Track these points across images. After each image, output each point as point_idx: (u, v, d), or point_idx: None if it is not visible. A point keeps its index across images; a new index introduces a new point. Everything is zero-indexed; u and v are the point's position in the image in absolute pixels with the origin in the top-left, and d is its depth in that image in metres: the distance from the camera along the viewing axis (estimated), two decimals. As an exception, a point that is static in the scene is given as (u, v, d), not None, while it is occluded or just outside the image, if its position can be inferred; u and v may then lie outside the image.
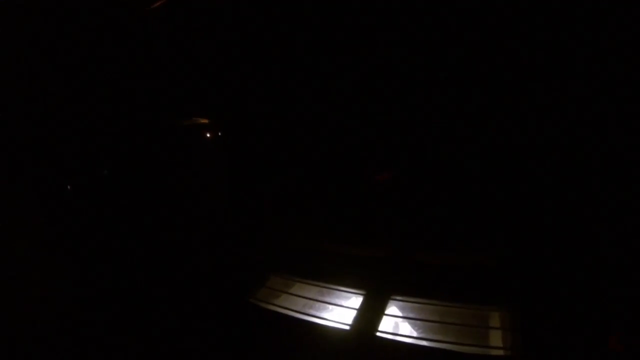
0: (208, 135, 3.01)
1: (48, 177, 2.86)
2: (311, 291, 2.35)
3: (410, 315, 2.04)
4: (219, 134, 2.99)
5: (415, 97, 2.52)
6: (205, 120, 3.03)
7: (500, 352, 1.72)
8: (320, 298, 2.29)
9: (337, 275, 2.32)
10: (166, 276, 2.65)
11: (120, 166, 3.08)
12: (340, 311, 2.17)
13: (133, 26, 3.12)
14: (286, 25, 2.81)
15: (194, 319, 2.34)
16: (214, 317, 2.33)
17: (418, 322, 2.00)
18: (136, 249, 2.80)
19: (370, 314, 2.05)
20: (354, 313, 2.09)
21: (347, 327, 2.02)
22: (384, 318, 2.02)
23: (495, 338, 1.80)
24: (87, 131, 3.02)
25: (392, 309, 2.09)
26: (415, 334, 1.98)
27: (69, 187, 2.93)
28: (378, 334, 1.94)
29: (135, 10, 3.09)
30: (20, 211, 2.85)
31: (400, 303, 2.10)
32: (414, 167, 2.50)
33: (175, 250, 2.79)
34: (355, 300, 2.20)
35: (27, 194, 2.91)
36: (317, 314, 2.19)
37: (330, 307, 2.22)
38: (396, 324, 2.06)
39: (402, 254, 2.32)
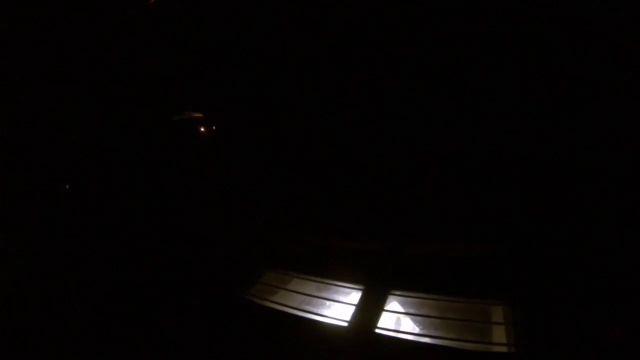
0: (202, 129, 2.95)
1: (45, 177, 2.83)
2: (308, 287, 2.29)
3: (410, 310, 1.98)
4: (214, 127, 2.94)
5: (413, 90, 2.46)
6: (199, 114, 2.97)
7: (504, 349, 1.66)
8: (317, 294, 2.23)
9: (334, 270, 2.26)
10: (160, 273, 2.61)
11: (113, 164, 3.03)
12: (338, 307, 2.11)
13: (128, 22, 3.07)
14: (283, 20, 2.76)
15: (188, 317, 2.29)
16: (209, 315, 2.27)
17: (418, 317, 1.94)
18: (130, 248, 2.75)
19: (369, 310, 1.99)
20: (352, 309, 2.03)
21: (346, 324, 1.96)
22: (383, 314, 1.96)
23: (498, 333, 1.73)
24: (78, 130, 2.97)
25: (392, 304, 2.03)
26: (415, 330, 1.92)
27: (67, 186, 2.89)
28: (377, 330, 1.88)
29: (129, 7, 3.04)
30: (18, 211, 2.83)
31: (400, 298, 2.04)
32: (412, 159, 2.43)
33: (168, 246, 2.74)
34: (353, 296, 2.14)
35: (25, 194, 2.88)
36: (315, 310, 2.13)
37: (328, 303, 2.16)
38: (396, 319, 1.99)
39: (402, 248, 2.25)
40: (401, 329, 1.94)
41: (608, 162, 1.93)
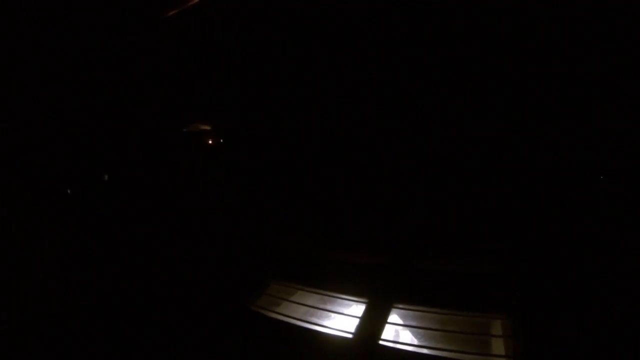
0: (210, 141, 3.01)
1: (51, 180, 2.82)
2: (313, 299, 2.35)
3: (413, 323, 2.05)
4: (221, 140, 3.01)
5: (418, 99, 2.53)
6: (207, 127, 3.04)
7: (503, 360, 1.75)
8: (322, 306, 2.28)
9: (339, 283, 2.33)
10: (166, 283, 2.62)
11: (121, 171, 3.05)
12: (342, 319, 2.17)
13: (143, 33, 3.14)
14: (288, 30, 2.84)
15: (194, 327, 2.31)
16: (215, 325, 2.30)
17: (420, 330, 2.01)
18: (135, 256, 2.76)
19: (372, 322, 2.06)
20: (356, 321, 2.09)
21: (350, 336, 2.02)
22: (387, 326, 2.03)
23: (497, 345, 1.83)
24: (89, 136, 2.99)
25: (395, 317, 2.10)
26: (417, 342, 1.99)
27: (69, 191, 2.90)
28: (381, 342, 1.95)
29: (145, 18, 3.11)
30: (22, 214, 2.79)
31: (403, 311, 2.11)
32: (417, 175, 2.52)
33: (175, 257, 2.76)
34: (357, 309, 2.21)
35: (30, 196, 2.86)
36: (319, 322, 2.18)
37: (332, 315, 2.22)
38: (399, 332, 2.07)
39: (405, 262, 2.34)
40: (404, 341, 2.02)
41: (609, 178, 2.00)
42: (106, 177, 3.20)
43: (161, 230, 2.89)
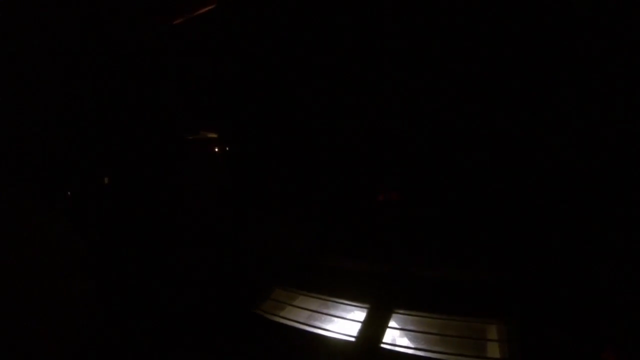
0: (216, 149, 3.09)
1: (52, 182, 2.86)
2: (316, 304, 2.42)
3: (412, 327, 2.14)
4: (227, 148, 3.08)
5: (418, 111, 2.60)
6: (213, 135, 3.11)
7: (498, 364, 1.85)
8: (324, 311, 2.36)
9: (341, 289, 2.41)
10: (171, 287, 2.66)
11: (123, 175, 3.10)
12: (344, 323, 2.24)
13: (150, 41, 3.21)
14: (295, 44, 2.93)
15: (199, 329, 2.36)
16: (221, 328, 2.35)
17: (420, 334, 2.10)
18: (140, 260, 2.80)
19: (373, 327, 2.14)
20: (358, 325, 2.17)
21: (352, 339, 2.10)
22: (387, 330, 2.12)
23: (493, 349, 1.93)
24: (91, 140, 3.04)
25: (395, 321, 2.18)
26: (417, 345, 2.07)
27: (69, 193, 2.93)
28: (382, 345, 2.03)
29: (151, 25, 3.20)
30: (23, 215, 2.80)
31: (403, 316, 2.20)
32: (416, 183, 2.61)
33: (179, 261, 2.81)
34: (359, 314, 2.28)
35: (30, 197, 2.87)
36: (322, 325, 2.25)
37: (335, 319, 2.29)
38: (400, 336, 2.15)
39: (404, 269, 2.43)
40: (404, 345, 2.10)
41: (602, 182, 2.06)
42: (106, 180, 3.23)
43: (167, 235, 2.94)
